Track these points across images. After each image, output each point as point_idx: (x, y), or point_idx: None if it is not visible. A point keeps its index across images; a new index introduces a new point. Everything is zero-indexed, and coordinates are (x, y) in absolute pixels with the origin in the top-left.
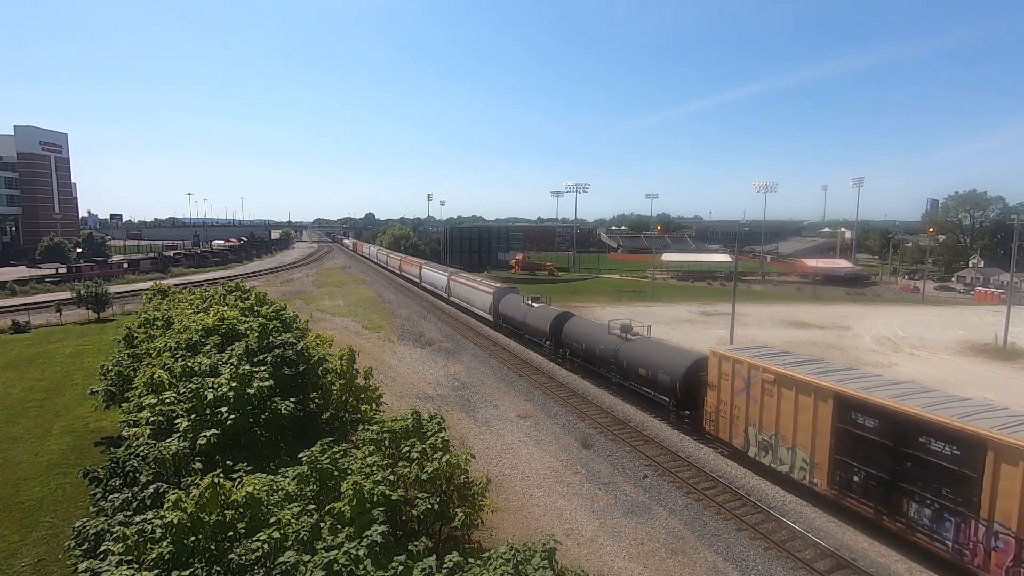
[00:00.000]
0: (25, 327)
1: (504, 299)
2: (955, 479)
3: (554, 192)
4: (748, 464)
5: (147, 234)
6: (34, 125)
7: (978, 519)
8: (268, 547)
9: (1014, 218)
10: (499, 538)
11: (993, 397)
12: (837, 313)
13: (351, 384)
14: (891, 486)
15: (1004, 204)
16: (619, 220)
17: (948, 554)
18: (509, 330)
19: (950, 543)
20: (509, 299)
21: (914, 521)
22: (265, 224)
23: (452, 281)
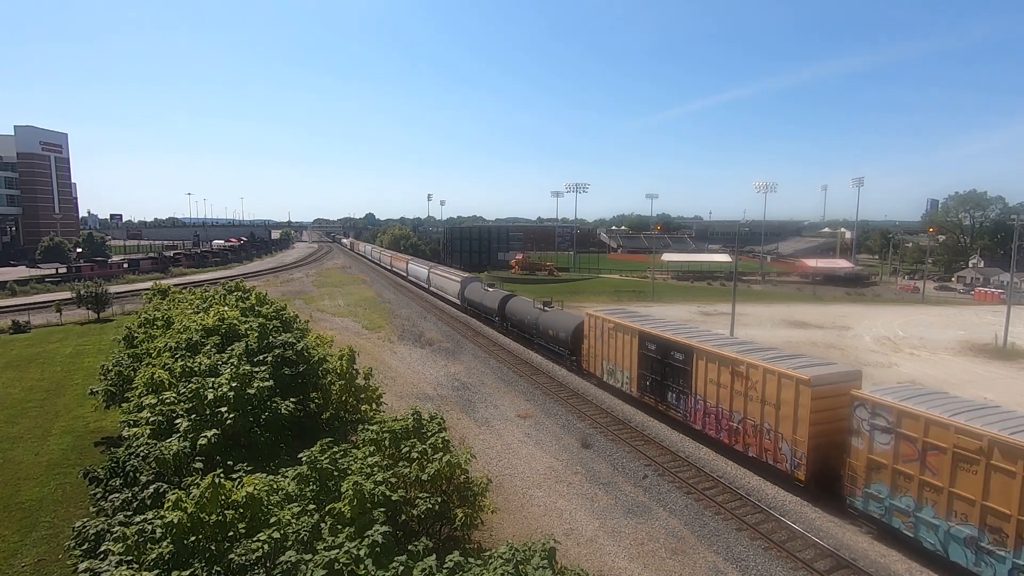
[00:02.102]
0: (25, 327)
1: (468, 286)
2: (683, 374)
3: (554, 192)
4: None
5: (147, 234)
6: (34, 125)
7: (692, 395)
8: (268, 547)
9: (1014, 218)
10: (499, 538)
11: (993, 397)
12: (837, 313)
13: (351, 384)
14: (661, 384)
15: (1004, 204)
16: (619, 220)
17: (680, 416)
18: (472, 311)
19: (681, 411)
20: (472, 286)
21: (670, 403)
22: (265, 224)
23: (431, 273)
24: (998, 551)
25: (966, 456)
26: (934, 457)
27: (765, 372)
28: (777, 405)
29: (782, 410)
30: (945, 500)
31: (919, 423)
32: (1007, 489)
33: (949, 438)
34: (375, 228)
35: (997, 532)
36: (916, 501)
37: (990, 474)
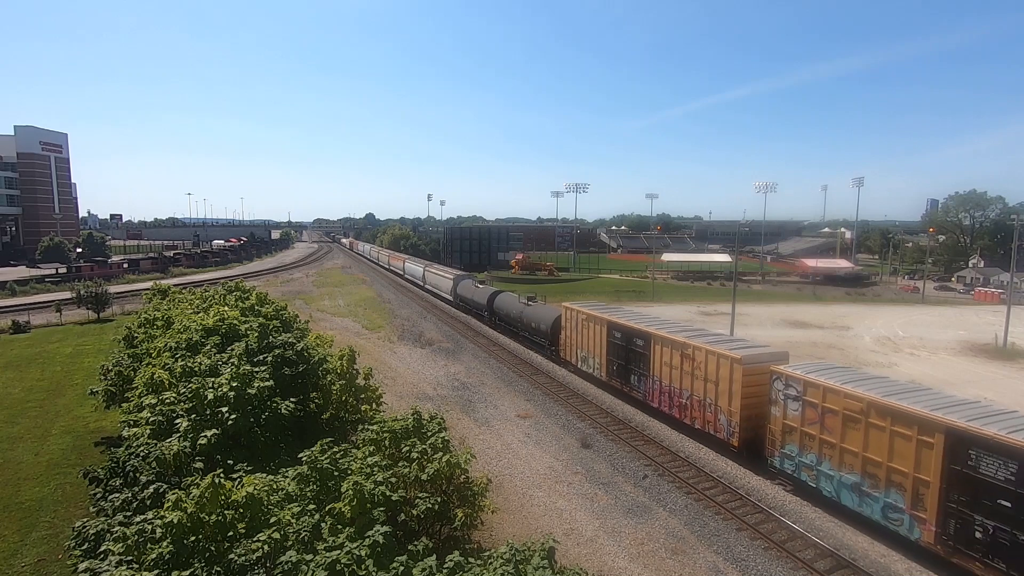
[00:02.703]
0: (25, 327)
1: (460, 283)
2: (643, 359)
3: (554, 192)
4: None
5: (147, 234)
6: (34, 125)
7: (651, 377)
8: (268, 547)
9: (1014, 218)
10: (499, 538)
11: (993, 397)
12: (837, 313)
13: (351, 384)
14: (626, 368)
15: (1004, 204)
16: (619, 220)
17: (640, 396)
18: (464, 307)
19: (641, 392)
20: (464, 283)
21: (633, 385)
22: (265, 224)
23: (426, 271)
24: (874, 493)
25: (852, 416)
26: (830, 419)
27: (707, 353)
28: (716, 382)
29: (720, 386)
30: (838, 454)
31: (819, 391)
32: (880, 442)
33: (840, 402)
34: (375, 228)
35: (873, 477)
36: (817, 457)
37: (868, 430)
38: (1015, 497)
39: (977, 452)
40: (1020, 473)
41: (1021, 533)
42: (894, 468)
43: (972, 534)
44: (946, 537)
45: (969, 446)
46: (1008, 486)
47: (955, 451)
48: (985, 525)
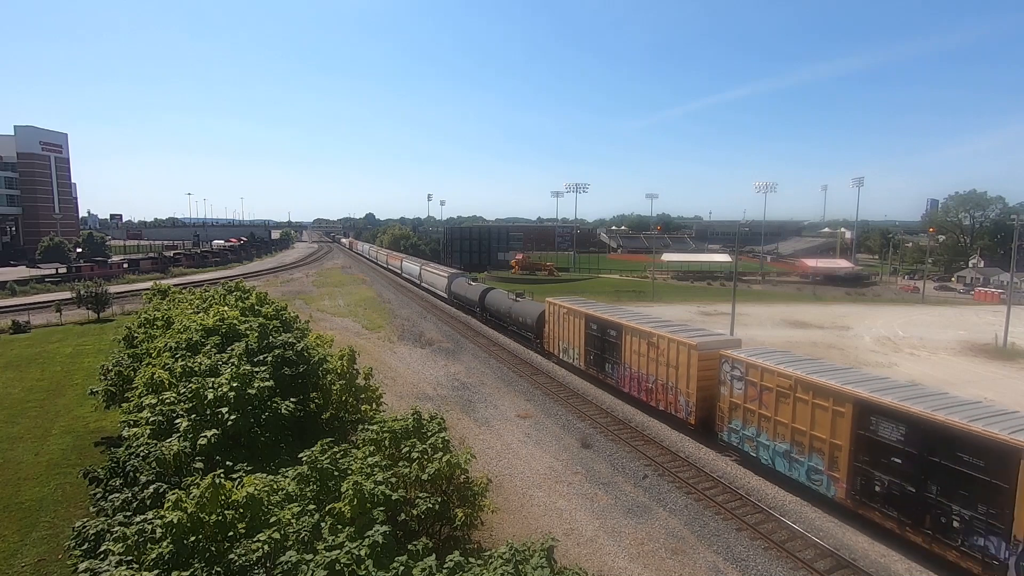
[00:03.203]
0: (25, 327)
1: (455, 281)
2: (616, 348)
3: (554, 192)
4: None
5: (147, 234)
6: (34, 125)
7: (623, 364)
8: (268, 547)
9: (1014, 218)
10: (499, 538)
11: (993, 397)
12: (837, 313)
13: (351, 384)
14: (601, 357)
15: (1004, 204)
16: (619, 220)
17: (613, 383)
18: (457, 304)
19: (614, 379)
20: (458, 281)
21: (607, 373)
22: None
23: (422, 270)
24: (800, 458)
25: (783, 392)
26: (766, 395)
27: (669, 341)
28: (676, 367)
29: (679, 370)
30: (772, 426)
31: (758, 371)
32: (805, 413)
33: (774, 380)
34: (375, 228)
35: (799, 444)
36: (757, 429)
37: (796, 404)
38: (903, 455)
39: (877, 418)
40: (907, 434)
41: (908, 485)
42: (815, 436)
43: (873, 488)
44: (854, 492)
45: (871, 413)
46: (898, 445)
47: (861, 418)
48: (882, 480)
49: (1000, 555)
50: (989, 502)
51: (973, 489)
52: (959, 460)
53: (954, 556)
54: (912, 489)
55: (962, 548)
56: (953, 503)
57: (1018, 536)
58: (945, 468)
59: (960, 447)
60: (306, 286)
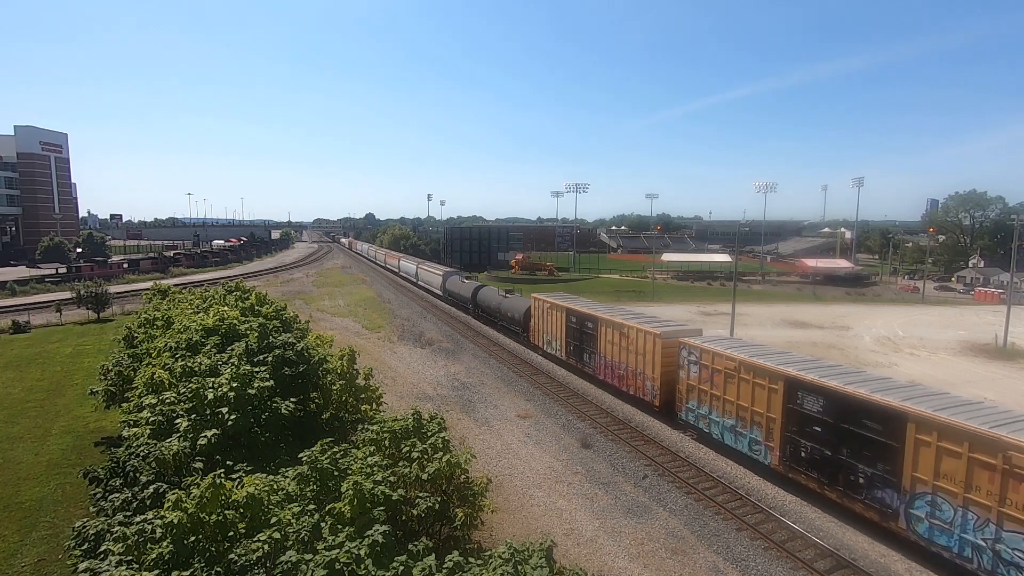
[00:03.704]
0: (25, 327)
1: (449, 279)
2: (593, 339)
3: (554, 192)
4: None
5: (147, 234)
6: (34, 125)
7: (598, 354)
8: (268, 547)
9: (1014, 218)
10: (499, 538)
11: (993, 397)
12: (837, 313)
13: (351, 384)
14: (580, 348)
15: (1004, 204)
16: (619, 220)
17: (590, 371)
18: (451, 300)
19: (591, 367)
20: (452, 279)
21: (585, 362)
22: (265, 224)
23: (419, 269)
24: (743, 431)
25: (730, 373)
26: (716, 377)
27: (637, 331)
28: (643, 354)
29: (646, 357)
30: (721, 404)
31: (709, 355)
32: (747, 391)
33: (722, 363)
34: (375, 228)
35: (743, 419)
36: (709, 407)
37: (740, 383)
38: (822, 423)
39: (802, 393)
40: (825, 406)
41: (826, 449)
42: (756, 411)
43: (799, 454)
44: (785, 459)
45: (798, 389)
46: (818, 416)
47: (790, 393)
48: (806, 446)
49: (893, 504)
50: (885, 460)
51: (874, 450)
52: (864, 426)
53: (860, 508)
54: (829, 453)
55: (865, 501)
56: (859, 463)
57: (906, 487)
58: (853, 433)
59: (864, 415)
60: (306, 286)
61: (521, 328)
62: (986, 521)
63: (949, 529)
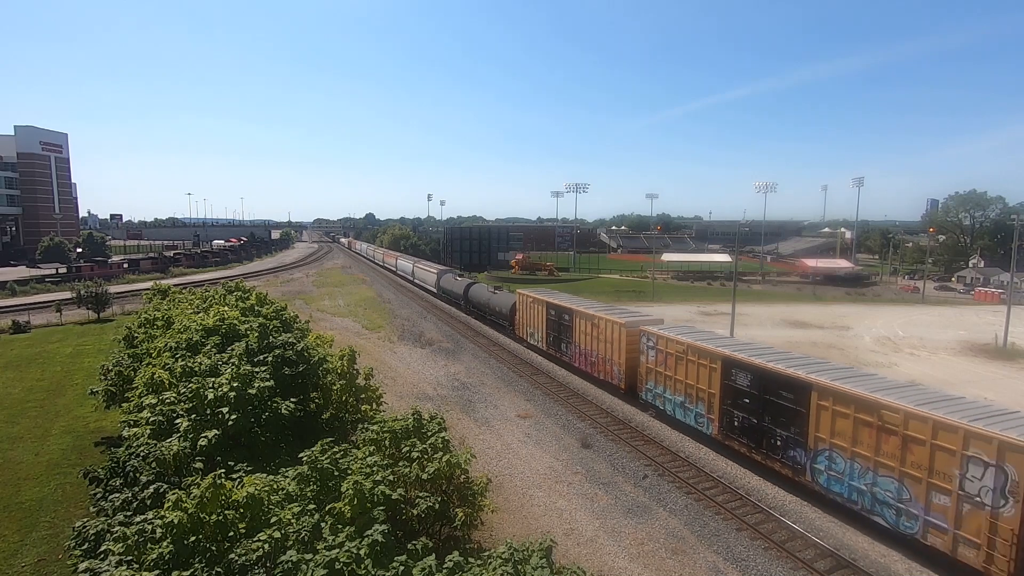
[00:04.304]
0: (25, 327)
1: (443, 277)
2: (569, 330)
3: (554, 192)
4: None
5: (147, 234)
6: (34, 125)
7: (574, 344)
8: (269, 547)
9: (1014, 218)
10: (499, 538)
11: (993, 397)
12: (837, 313)
13: (351, 384)
14: (558, 338)
15: (1004, 204)
16: (619, 220)
17: (567, 360)
18: (445, 297)
19: (567, 356)
20: (445, 277)
21: (562, 351)
22: (265, 224)
23: (415, 267)
24: (690, 406)
25: (679, 356)
26: (669, 360)
27: (607, 322)
28: (611, 342)
29: (613, 345)
30: (674, 384)
31: (664, 341)
32: (693, 371)
33: (673, 347)
34: (375, 228)
35: (690, 395)
36: (663, 387)
37: (687, 364)
38: (750, 396)
39: (735, 370)
40: (752, 380)
41: (752, 418)
42: (700, 388)
43: (733, 423)
44: (722, 428)
45: (732, 367)
46: (747, 389)
47: (726, 371)
48: (738, 416)
49: (802, 461)
50: (796, 424)
51: (787, 416)
52: (780, 396)
53: (778, 466)
54: (755, 420)
55: (782, 460)
56: (777, 428)
57: (811, 446)
58: (773, 403)
59: (781, 386)
60: (306, 286)
61: (508, 322)
62: (867, 469)
63: (841, 478)
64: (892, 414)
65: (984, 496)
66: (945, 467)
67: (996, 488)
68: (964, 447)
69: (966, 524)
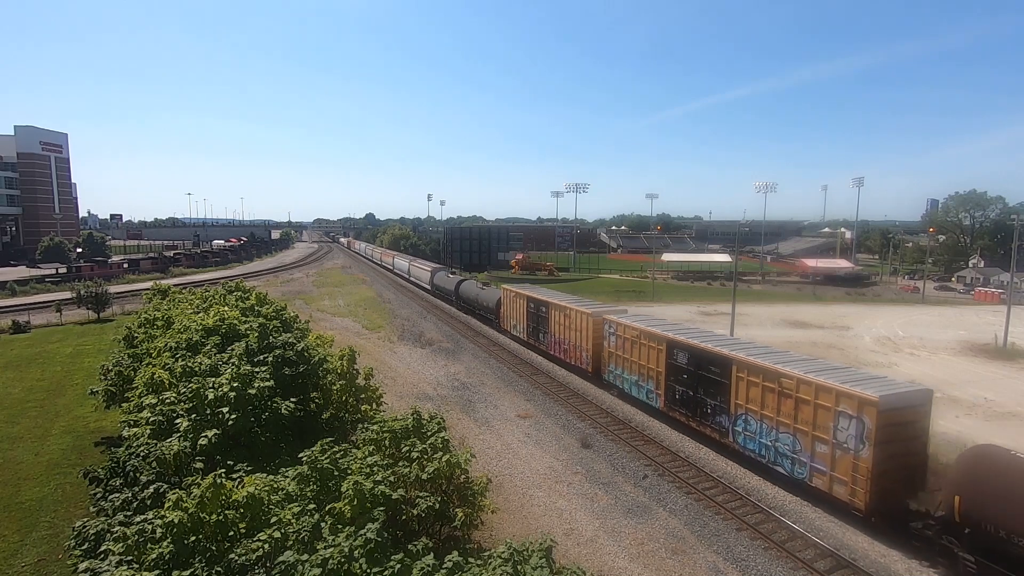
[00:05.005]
0: (25, 327)
1: (436, 275)
2: (546, 321)
3: (554, 192)
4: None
5: (147, 234)
6: (34, 125)
7: (550, 333)
8: (268, 547)
9: (1014, 218)
10: (499, 538)
11: (993, 397)
12: (837, 313)
13: (351, 384)
14: (536, 329)
15: (1004, 204)
16: (619, 220)
17: (544, 348)
18: (438, 294)
19: (544, 344)
20: (439, 275)
21: (540, 341)
22: (265, 224)
23: (411, 266)
24: (643, 384)
25: (634, 340)
26: (626, 344)
27: (576, 312)
28: (580, 331)
29: (582, 333)
30: (629, 364)
31: (622, 327)
32: (644, 352)
33: (629, 333)
34: (375, 228)
35: (642, 375)
36: (621, 368)
37: (640, 347)
38: (687, 372)
39: (676, 350)
40: (689, 358)
41: (689, 391)
42: (649, 367)
43: (675, 396)
44: (667, 401)
45: (674, 348)
46: (685, 366)
47: (670, 352)
48: (679, 390)
49: (726, 425)
50: (721, 393)
51: (715, 387)
52: (710, 371)
53: (708, 431)
54: (691, 393)
55: (711, 425)
56: (708, 398)
57: (732, 412)
58: (704, 377)
59: (710, 362)
60: (306, 286)
61: (494, 315)
62: (771, 428)
63: (754, 437)
64: (788, 381)
65: (850, 442)
66: (824, 421)
67: (857, 435)
68: (836, 404)
69: (839, 466)
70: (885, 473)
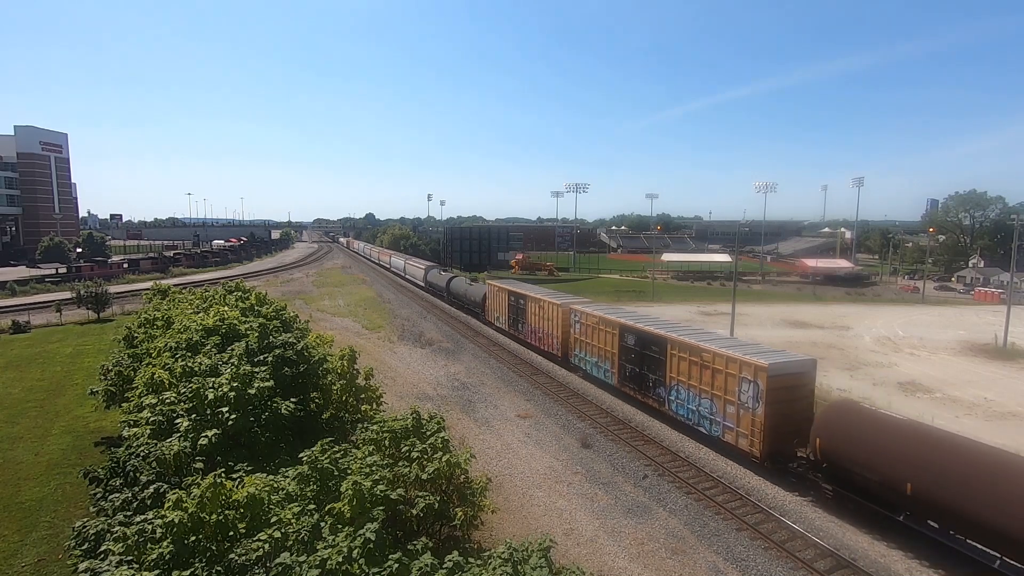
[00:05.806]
0: (25, 327)
1: (430, 272)
2: (524, 312)
3: (554, 192)
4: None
5: (147, 234)
6: (34, 125)
7: (528, 324)
8: (268, 547)
9: (1014, 218)
10: (499, 538)
11: (993, 397)
12: (837, 313)
13: (351, 384)
14: (516, 319)
15: (1004, 204)
16: (619, 220)
17: (522, 337)
18: (432, 291)
19: (523, 334)
20: (432, 272)
21: (520, 330)
22: (265, 224)
23: (406, 264)
24: (601, 364)
25: (594, 327)
26: (588, 330)
27: (550, 304)
28: (552, 320)
29: (553, 322)
30: (590, 348)
31: (584, 316)
32: (601, 337)
33: (589, 320)
34: (375, 228)
35: (601, 356)
36: (585, 352)
37: (598, 332)
38: (635, 351)
39: (627, 334)
40: (636, 340)
41: (636, 368)
42: (606, 349)
43: (626, 374)
44: (619, 379)
45: (625, 332)
46: (633, 347)
47: (622, 335)
48: (629, 368)
49: (663, 396)
50: (660, 369)
51: (655, 364)
52: (651, 349)
53: (651, 402)
54: (638, 370)
55: (653, 396)
56: (650, 373)
57: (668, 384)
58: (647, 355)
59: (652, 343)
60: (306, 286)
61: (480, 308)
62: (696, 395)
63: (684, 404)
64: (707, 355)
65: (749, 402)
66: (732, 387)
67: (754, 396)
68: (740, 372)
69: (742, 423)
70: (776, 427)
